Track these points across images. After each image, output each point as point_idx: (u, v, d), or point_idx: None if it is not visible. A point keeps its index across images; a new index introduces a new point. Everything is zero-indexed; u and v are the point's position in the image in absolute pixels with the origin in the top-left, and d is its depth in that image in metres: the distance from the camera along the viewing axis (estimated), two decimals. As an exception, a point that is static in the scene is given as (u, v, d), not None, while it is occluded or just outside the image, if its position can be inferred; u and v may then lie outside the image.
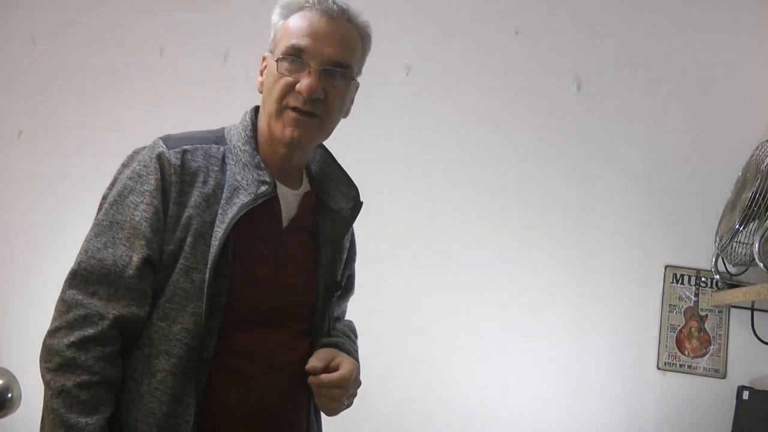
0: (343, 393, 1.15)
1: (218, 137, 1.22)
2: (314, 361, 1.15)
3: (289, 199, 1.21)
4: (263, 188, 1.13)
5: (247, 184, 1.13)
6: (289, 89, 1.12)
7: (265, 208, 1.15)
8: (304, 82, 1.11)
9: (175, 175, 1.11)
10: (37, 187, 2.70)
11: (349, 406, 1.19)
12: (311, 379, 1.14)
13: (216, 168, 1.15)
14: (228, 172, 1.15)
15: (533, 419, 2.28)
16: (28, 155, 2.74)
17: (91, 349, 1.03)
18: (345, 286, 1.36)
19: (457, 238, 2.41)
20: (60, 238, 2.64)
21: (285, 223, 1.20)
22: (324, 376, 1.13)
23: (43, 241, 2.65)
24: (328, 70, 1.13)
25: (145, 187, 1.11)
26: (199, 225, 1.09)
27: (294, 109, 1.13)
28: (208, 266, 1.07)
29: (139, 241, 1.08)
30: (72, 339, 1.03)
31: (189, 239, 1.09)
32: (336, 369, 1.16)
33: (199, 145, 1.17)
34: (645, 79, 2.42)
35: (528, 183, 2.42)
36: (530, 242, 2.38)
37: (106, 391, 1.04)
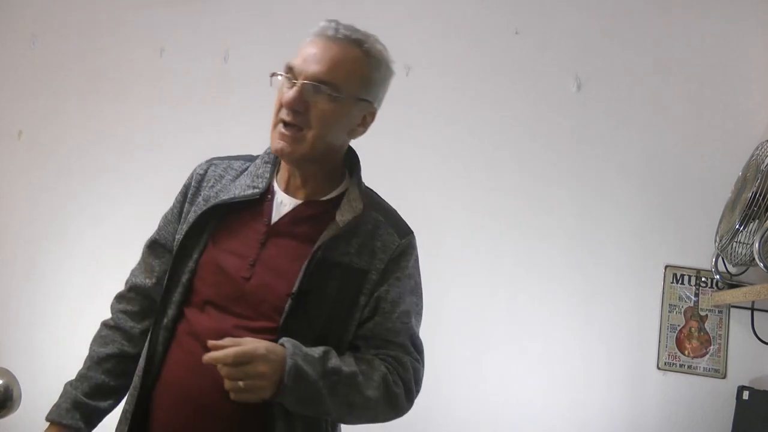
0: (232, 372, 1.08)
1: (254, 157, 1.40)
2: (226, 341, 1.11)
3: (285, 207, 1.31)
4: (248, 191, 1.30)
5: (235, 188, 1.31)
6: (281, 104, 1.25)
7: (250, 210, 1.30)
8: (287, 95, 1.23)
9: (195, 181, 1.37)
10: (37, 187, 2.71)
11: (253, 394, 1.10)
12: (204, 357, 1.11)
13: (230, 177, 1.35)
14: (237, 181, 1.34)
15: (533, 419, 2.28)
16: (28, 155, 2.74)
17: (120, 303, 1.41)
18: (373, 309, 1.28)
19: (455, 237, 2.41)
20: (59, 237, 2.65)
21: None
22: (210, 354, 1.10)
23: (42, 240, 2.65)
24: (310, 85, 1.22)
25: (180, 191, 1.40)
26: (192, 218, 1.31)
27: (283, 123, 1.24)
28: (175, 248, 1.30)
29: (156, 228, 1.40)
30: (117, 293, 1.42)
31: (185, 229, 1.31)
32: None
33: (228, 161, 1.39)
34: (645, 79, 2.42)
35: (528, 183, 2.42)
36: (530, 242, 2.38)
37: (118, 335, 1.37)
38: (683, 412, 2.21)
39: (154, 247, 1.40)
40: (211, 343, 1.11)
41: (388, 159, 2.47)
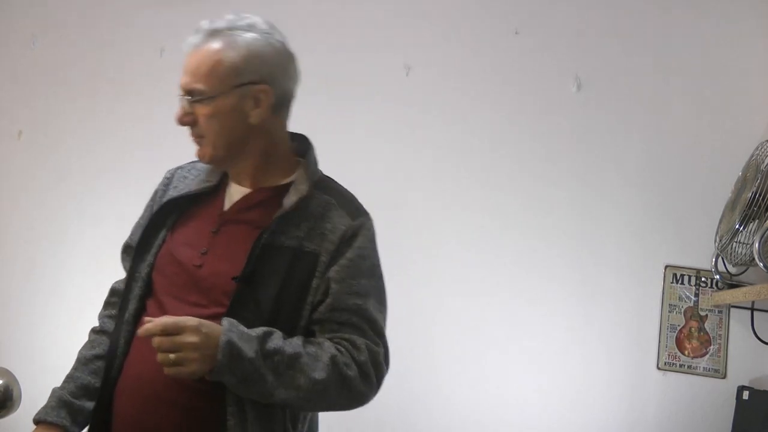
0: (163, 342, 1.09)
1: None
2: (162, 317, 1.13)
3: (236, 196, 1.35)
4: (202, 185, 1.36)
5: (193, 185, 1.38)
6: None
7: (206, 203, 1.35)
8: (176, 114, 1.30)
9: (163, 185, 1.44)
10: (37, 187, 2.71)
11: (184, 367, 1.10)
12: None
13: (191, 177, 1.41)
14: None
15: (533, 419, 2.28)
16: (28, 155, 2.74)
17: (106, 309, 1.46)
18: (324, 291, 1.24)
19: (455, 237, 2.41)
20: (59, 237, 2.65)
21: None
22: (143, 326, 1.11)
23: (42, 240, 2.65)
24: (184, 99, 1.29)
25: (150, 197, 1.46)
26: (150, 215, 1.39)
27: None
28: (135, 245, 1.36)
29: (129, 234, 1.45)
30: (104, 301, 1.48)
31: (143, 225, 1.39)
32: None
33: (192, 163, 1.43)
34: (645, 79, 2.42)
35: (528, 183, 2.42)
36: (530, 242, 2.38)
37: (105, 337, 1.40)
38: (683, 412, 2.21)
39: (128, 251, 1.42)
40: (146, 318, 1.13)
41: (388, 159, 2.47)
